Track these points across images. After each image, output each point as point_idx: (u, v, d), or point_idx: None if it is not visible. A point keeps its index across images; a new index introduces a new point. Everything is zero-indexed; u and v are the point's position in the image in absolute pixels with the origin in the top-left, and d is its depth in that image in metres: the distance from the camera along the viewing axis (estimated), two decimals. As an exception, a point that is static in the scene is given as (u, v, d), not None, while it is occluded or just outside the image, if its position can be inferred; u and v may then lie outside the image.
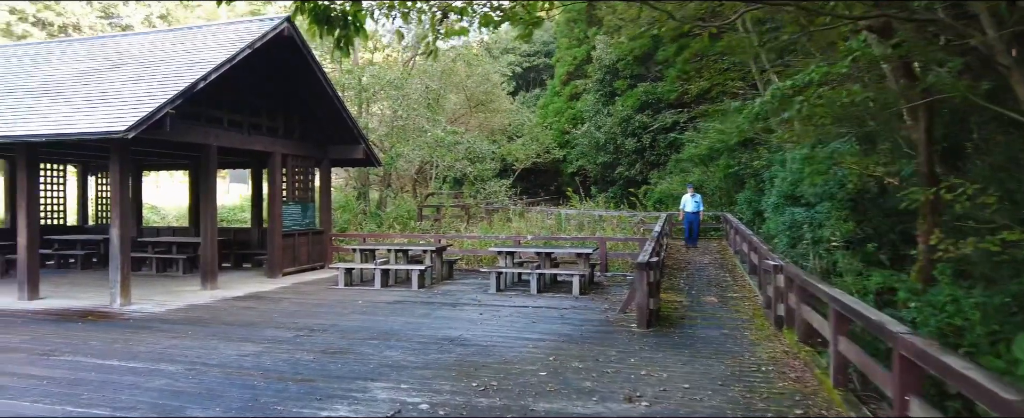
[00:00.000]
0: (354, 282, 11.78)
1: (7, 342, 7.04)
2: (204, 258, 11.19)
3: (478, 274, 13.15)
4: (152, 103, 9.03)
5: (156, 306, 9.41)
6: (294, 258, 13.49)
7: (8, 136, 9.00)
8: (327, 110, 13.72)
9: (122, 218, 9.41)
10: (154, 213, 24.89)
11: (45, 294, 10.46)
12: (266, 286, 11.56)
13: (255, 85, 12.46)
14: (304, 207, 13.91)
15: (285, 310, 9.03)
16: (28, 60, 13.04)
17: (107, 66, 11.41)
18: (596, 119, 28.24)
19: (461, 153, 18.82)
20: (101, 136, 8.38)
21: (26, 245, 9.98)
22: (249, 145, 12.15)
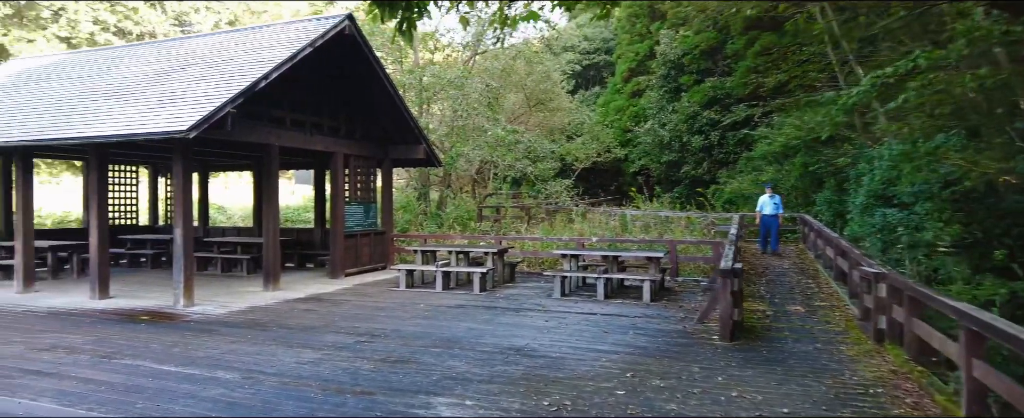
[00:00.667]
0: (415, 284, 11.49)
1: (73, 343, 6.99)
2: (266, 259, 11.12)
3: (540, 277, 12.67)
4: (214, 102, 8.93)
5: (218, 308, 9.33)
6: (356, 259, 13.34)
7: (79, 137, 9.08)
8: (388, 110, 13.52)
9: (185, 218, 9.37)
10: (221, 213, 25.47)
11: (114, 293, 10.57)
12: (328, 287, 11.41)
13: (317, 85, 12.36)
14: (366, 207, 13.76)
15: (346, 313, 8.78)
16: (103, 64, 13.34)
17: (174, 67, 11.48)
18: (660, 116, 27.32)
19: (521, 152, 18.36)
20: (164, 136, 8.32)
21: (97, 245, 10.10)
22: (311, 145, 12.04)
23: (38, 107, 11.29)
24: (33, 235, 11.15)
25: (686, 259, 12.34)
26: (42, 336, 7.37)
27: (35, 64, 15.50)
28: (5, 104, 12.17)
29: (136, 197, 17.10)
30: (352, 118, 13.42)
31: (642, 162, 29.31)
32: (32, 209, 11.08)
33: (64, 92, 11.84)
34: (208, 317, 8.59)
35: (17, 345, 6.92)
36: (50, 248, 12.79)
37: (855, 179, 13.39)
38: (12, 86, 13.63)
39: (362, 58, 12.31)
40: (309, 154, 13.87)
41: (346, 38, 11.69)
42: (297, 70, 10.45)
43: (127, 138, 8.63)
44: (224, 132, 9.17)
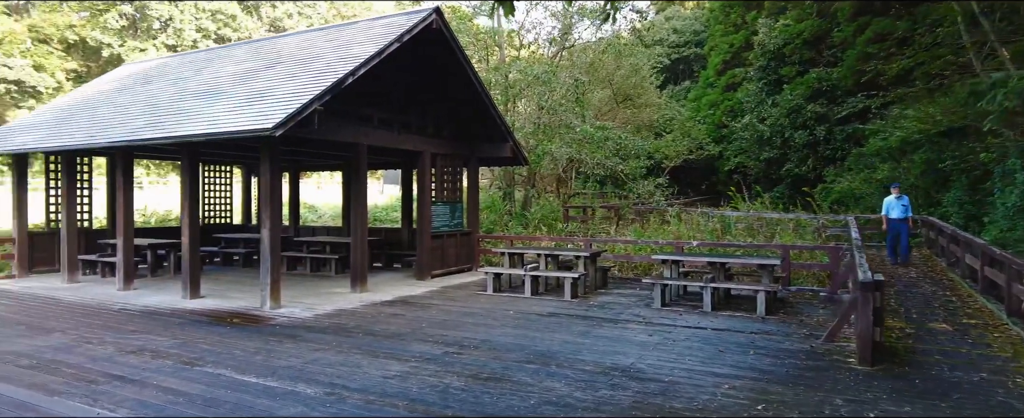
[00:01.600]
0: (503, 287, 10.95)
1: (159, 346, 6.83)
2: (354, 260, 10.86)
3: (635, 283, 11.85)
4: (300, 100, 8.69)
5: (304, 310, 9.09)
6: (442, 260, 12.95)
7: (169, 136, 9.06)
8: (475, 107, 13.05)
9: (273, 218, 9.19)
10: (312, 212, 25.96)
11: (205, 292, 10.60)
12: (414, 289, 11.04)
13: (404, 83, 12.04)
14: (452, 207, 13.35)
15: (433, 319, 8.31)
16: (197, 65, 13.57)
17: (263, 66, 11.44)
18: (759, 110, 25.69)
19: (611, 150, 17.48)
20: (250, 134, 8.11)
21: (188, 244, 10.12)
22: (399, 144, 11.72)
23: (137, 108, 11.52)
24: (133, 233, 11.37)
25: (798, 266, 11.18)
26: (132, 337, 7.29)
27: (140, 68, 16.07)
28: (111, 106, 12.54)
29: (231, 196, 17.50)
30: (439, 116, 13.04)
31: (738, 160, 27.72)
32: (132, 208, 11.30)
33: (161, 93, 12.06)
34: (293, 320, 8.33)
35: (108, 346, 6.83)
36: (149, 246, 13.11)
37: (1002, 177, 11.76)
38: (118, 89, 14.10)
39: (449, 53, 11.88)
40: (396, 153, 13.61)
41: (433, 32, 11.28)
42: (384, 67, 10.12)
43: (213, 137, 8.50)
44: (311, 130, 8.92)
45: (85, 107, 13.27)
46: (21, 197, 13.27)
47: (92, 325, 8.05)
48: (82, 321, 8.30)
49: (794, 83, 24.55)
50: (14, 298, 10.39)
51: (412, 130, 12.22)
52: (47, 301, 10.04)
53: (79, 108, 13.40)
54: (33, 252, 13.33)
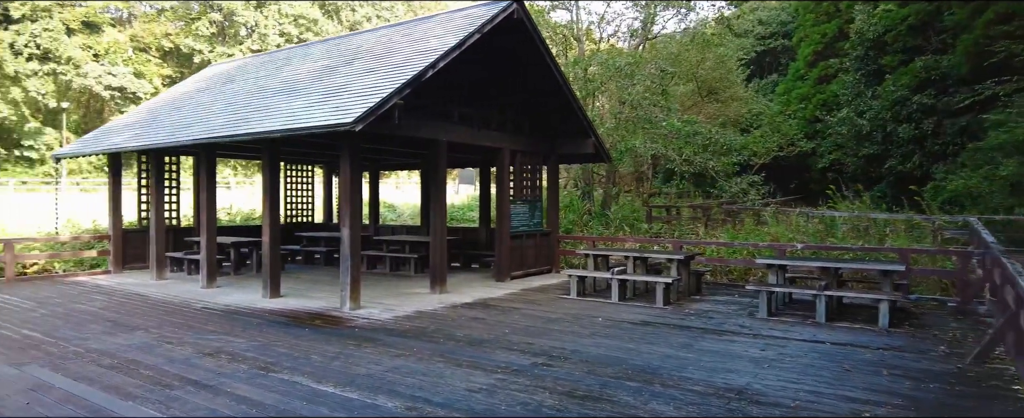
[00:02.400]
0: (586, 292, 10.31)
1: (236, 348, 6.60)
2: (433, 260, 10.50)
3: (731, 289, 10.97)
4: (380, 94, 8.35)
5: (383, 311, 8.76)
6: (521, 261, 12.44)
7: (248, 133, 8.93)
8: (556, 101, 12.46)
9: (352, 217, 8.91)
10: (390, 211, 26.06)
11: (285, 291, 10.49)
12: (494, 292, 10.57)
13: (483, 77, 11.61)
14: (532, 207, 12.82)
15: (516, 325, 7.79)
16: (277, 64, 13.61)
17: (341, 62, 11.25)
18: (857, 103, 23.87)
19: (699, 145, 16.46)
20: (329, 129, 7.83)
21: (268, 243, 10.02)
22: (478, 141, 11.28)
23: (219, 107, 11.57)
24: (216, 231, 11.43)
25: (919, 272, 10.00)
26: (211, 338, 7.11)
27: (223, 68, 16.36)
28: (194, 105, 12.71)
29: (312, 195, 17.61)
30: (518, 111, 12.55)
31: (833, 156, 25.91)
32: (215, 206, 11.35)
33: (241, 92, 12.09)
34: (373, 323, 8.00)
35: (187, 347, 6.65)
36: (233, 244, 13.22)
37: None
38: (202, 89, 14.35)
39: (529, 44, 11.34)
40: (475, 151, 13.19)
41: (513, 23, 10.77)
42: (463, 60, 9.68)
43: (291, 133, 8.28)
44: (391, 126, 8.59)
45: (171, 107, 13.54)
46: (116, 196, 13.67)
47: (174, 323, 7.98)
48: (165, 319, 8.25)
49: (897, 73, 22.65)
50: (107, 293, 10.59)
51: (491, 126, 11.77)
52: (135, 297, 10.16)
53: (166, 108, 13.68)
54: (127, 248, 13.71)
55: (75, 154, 13.54)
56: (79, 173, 42.51)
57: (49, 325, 7.89)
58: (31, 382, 5.38)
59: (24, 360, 6.12)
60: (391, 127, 8.73)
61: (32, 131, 41.18)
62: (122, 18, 49.23)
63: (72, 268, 13.59)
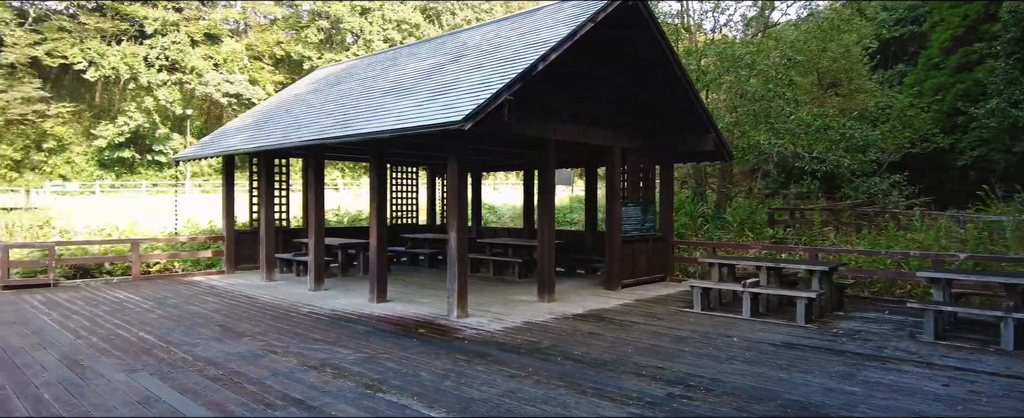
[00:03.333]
0: (711, 305, 9.33)
1: (342, 360, 6.22)
2: (541, 266, 9.86)
3: (877, 304, 9.66)
4: (489, 90, 7.81)
5: (492, 321, 8.22)
6: (633, 268, 11.59)
7: (357, 133, 8.65)
8: (672, 94, 11.50)
9: (459, 220, 8.43)
10: (491, 213, 25.76)
11: (392, 295, 10.20)
12: (606, 302, 9.80)
13: (593, 70, 10.86)
14: (644, 209, 11.94)
15: (640, 343, 7.00)
16: (384, 64, 13.46)
17: (447, 60, 10.85)
18: (1010, 92, 21.13)
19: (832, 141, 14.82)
20: (438, 128, 7.35)
21: (376, 245, 9.74)
22: (587, 139, 10.55)
23: (328, 108, 11.48)
24: (324, 233, 11.33)
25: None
26: (316, 348, 6.79)
27: (331, 70, 16.51)
28: (303, 107, 12.75)
29: (416, 197, 17.49)
30: (630, 107, 11.70)
31: (978, 152, 23.17)
32: (323, 208, 11.25)
33: (349, 93, 11.97)
34: (482, 334, 7.45)
35: (292, 358, 6.35)
36: (340, 246, 13.18)
37: None
38: (311, 91, 14.46)
39: (644, 33, 10.49)
40: (582, 149, 12.44)
41: (627, 11, 9.96)
42: (574, 52, 8.99)
43: (399, 133, 7.87)
44: (500, 124, 8.02)
45: (281, 110, 13.68)
46: (230, 198, 14.00)
47: (280, 330, 7.77)
48: (271, 325, 8.08)
49: (1062, 57, 19.85)
50: (218, 295, 10.70)
51: (601, 123, 11.00)
52: (244, 300, 10.17)
53: (276, 111, 13.85)
54: (239, 249, 14.00)
55: (192, 157, 13.97)
56: (201, 176, 45.29)
57: (163, 328, 7.88)
58: (139, 393, 5.17)
59: (136, 366, 5.99)
60: (500, 125, 8.17)
61: (161, 137, 44.28)
62: (238, 29, 52.17)
63: (190, 267, 14.03)
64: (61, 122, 43.03)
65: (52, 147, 42.47)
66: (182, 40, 44.67)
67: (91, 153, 43.66)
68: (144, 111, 43.28)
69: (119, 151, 43.43)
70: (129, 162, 44.51)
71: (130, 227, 16.92)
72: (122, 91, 44.83)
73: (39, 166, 42.22)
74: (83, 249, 13.34)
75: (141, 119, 42.94)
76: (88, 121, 44.36)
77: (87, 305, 9.61)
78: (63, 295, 10.61)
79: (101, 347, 6.80)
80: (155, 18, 43.76)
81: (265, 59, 49.83)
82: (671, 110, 11.90)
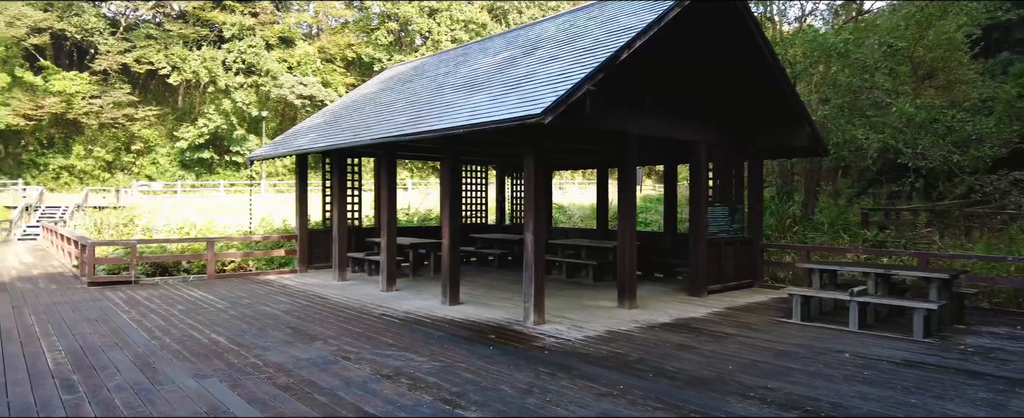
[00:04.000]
0: (812, 315, 8.50)
1: (417, 369, 5.83)
2: (622, 270, 9.26)
3: (1004, 317, 8.60)
4: (569, 81, 7.28)
5: (570, 328, 7.69)
6: (719, 272, 10.82)
7: (430, 129, 8.28)
8: (762, 84, 10.65)
9: (536, 221, 7.93)
10: (560, 213, 25.21)
11: (464, 297, 9.83)
12: (693, 310, 9.11)
13: (677, 58, 10.14)
14: (732, 210, 11.14)
15: (739, 358, 6.33)
16: (455, 61, 13.14)
17: (521, 53, 10.39)
18: None
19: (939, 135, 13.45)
20: (515, 123, 6.88)
21: (448, 247, 9.37)
22: (670, 133, 9.87)
23: (399, 106, 11.23)
24: (396, 233, 11.07)
25: None
26: (390, 354, 6.44)
27: (401, 69, 16.36)
28: (374, 105, 12.57)
29: (485, 196, 17.15)
30: (716, 98, 10.92)
31: (1099, 148, 20.88)
32: (395, 207, 11.00)
33: (421, 90, 11.68)
34: (562, 343, 6.94)
35: (365, 365, 6.01)
36: (411, 245, 12.94)
37: None
38: (382, 90, 14.30)
39: (734, 18, 9.72)
40: (661, 145, 11.75)
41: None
42: (658, 39, 8.34)
43: (474, 128, 7.44)
44: (580, 118, 7.50)
45: (352, 109, 13.56)
46: (302, 197, 14.00)
47: (352, 333, 7.48)
48: (343, 328, 7.81)
49: None
50: (291, 295, 10.60)
51: (686, 116, 10.28)
52: (316, 300, 10.01)
53: (348, 110, 13.75)
54: (312, 248, 13.98)
55: (266, 156, 14.04)
56: (276, 176, 46.63)
57: (235, 329, 7.73)
58: (207, 402, 4.92)
59: (206, 371, 5.78)
60: (580, 119, 7.64)
61: (238, 138, 45.82)
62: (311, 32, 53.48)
63: (263, 266, 14.11)
64: (147, 125, 45.15)
65: (139, 149, 44.61)
66: (258, 44, 46.09)
67: (174, 154, 45.63)
68: (222, 113, 44.88)
69: (199, 152, 45.21)
70: (208, 162, 46.28)
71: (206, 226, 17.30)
72: (202, 94, 46.66)
73: (128, 167, 44.43)
74: (162, 247, 13.62)
75: (219, 121, 44.55)
76: (171, 124, 46.39)
77: (164, 303, 9.65)
78: (142, 292, 10.74)
79: (173, 349, 6.66)
80: (232, 23, 45.31)
81: (337, 61, 50.87)
82: (761, 102, 11.04)
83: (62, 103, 40.86)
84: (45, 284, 11.95)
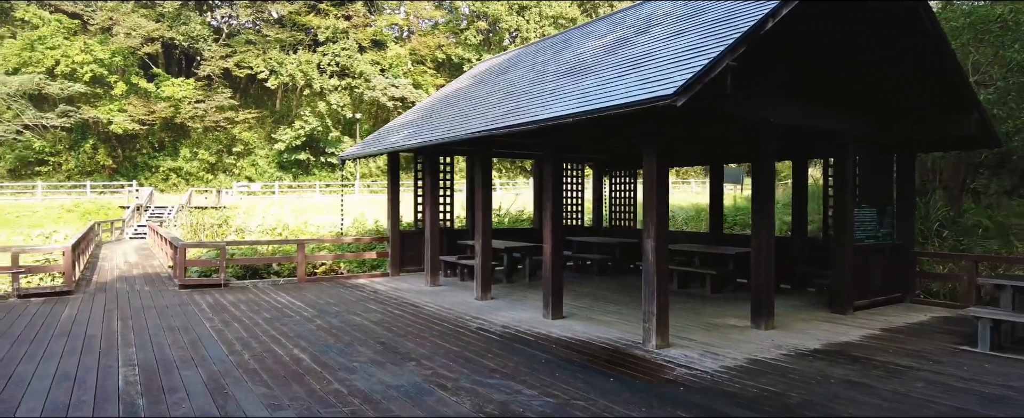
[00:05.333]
0: (1002, 343, 6.85)
1: (526, 407, 4.79)
2: (756, 282, 7.90)
3: None
4: (702, 56, 6.05)
5: (703, 355, 6.44)
6: (866, 285, 9.21)
7: (532, 120, 7.26)
8: (922, 64, 8.95)
9: (659, 225, 6.73)
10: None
11: (567, 309, 8.75)
12: (844, 331, 7.62)
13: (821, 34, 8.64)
14: (880, 212, 9.50)
15: (933, 403, 4.90)
16: (554, 48, 12.10)
17: (633, 33, 9.19)
18: None
19: None
20: (640, 106, 5.72)
21: (550, 253, 8.31)
22: (810, 122, 8.38)
23: (496, 98, 10.31)
24: (491, 236, 10.14)
25: None
26: (493, 383, 5.44)
27: (495, 61, 15.49)
28: (469, 99, 11.73)
29: (581, 197, 16.01)
30: (865, 82, 9.32)
31: None
32: (490, 207, 10.07)
33: (520, 80, 10.71)
34: (698, 375, 5.71)
35: (464, 397, 5.03)
36: (506, 249, 12.00)
37: None
38: (476, 83, 13.46)
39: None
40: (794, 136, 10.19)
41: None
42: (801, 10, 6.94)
43: (588, 115, 6.33)
44: (715, 101, 6.27)
45: (445, 104, 12.79)
46: (394, 197, 13.36)
47: (448, 352, 6.56)
48: (438, 345, 6.90)
49: None
50: (381, 302, 9.88)
51: (830, 102, 8.77)
52: (408, 309, 9.22)
53: (440, 106, 12.99)
54: (403, 250, 13.33)
55: (357, 155, 13.50)
56: (369, 176, 47.27)
57: (320, 343, 6.98)
58: (280, 444, 4.06)
59: (282, 400, 4.97)
60: (715, 102, 6.41)
61: (333, 140, 46.78)
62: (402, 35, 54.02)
63: (354, 268, 13.56)
64: (247, 128, 46.87)
65: (240, 151, 46.36)
66: (351, 47, 46.89)
67: (272, 156, 47.14)
68: (317, 116, 45.93)
69: (296, 153, 46.46)
70: (305, 164, 47.52)
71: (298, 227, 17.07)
72: (298, 97, 47.97)
73: (229, 168, 46.26)
74: (252, 249, 13.33)
75: (315, 123, 45.60)
76: (269, 126, 47.96)
77: (249, 310, 9.12)
78: (230, 297, 10.32)
79: (251, 368, 5.94)
80: (326, 26, 46.29)
81: (427, 63, 51.11)
82: (919, 85, 9.31)
83: (170, 108, 42.99)
84: (140, 285, 11.84)
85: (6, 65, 40.62)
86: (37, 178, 40.61)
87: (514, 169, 50.37)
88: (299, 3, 46.24)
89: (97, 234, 23.47)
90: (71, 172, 42.31)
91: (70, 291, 10.64)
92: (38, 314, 8.81)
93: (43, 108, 41.57)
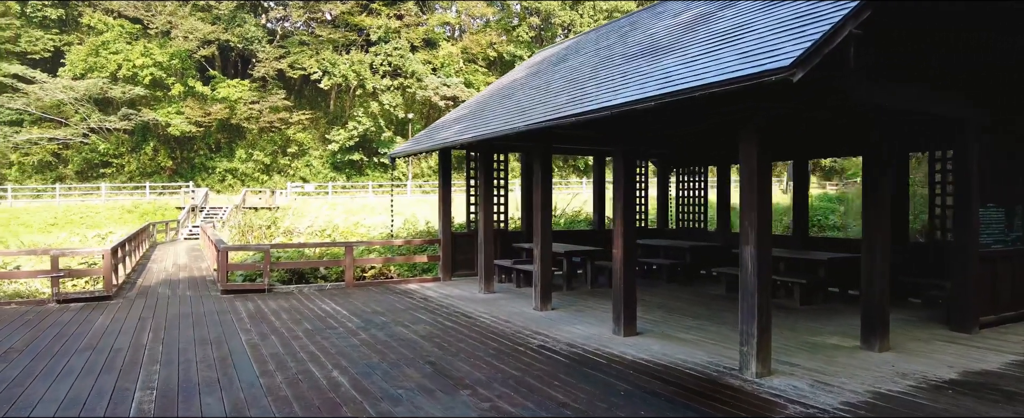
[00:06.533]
0: None
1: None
2: (869, 295, 6.68)
3: None
4: (819, 23, 4.94)
5: (813, 385, 5.32)
6: (992, 298, 7.84)
7: (602, 107, 6.25)
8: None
9: (760, 230, 5.63)
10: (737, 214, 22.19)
11: (639, 324, 7.69)
12: (979, 356, 6.35)
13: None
14: (1009, 213, 8.11)
15: None
16: (620, 32, 11.04)
17: (716, 8, 8.06)
18: None
19: None
20: (746, 82, 4.65)
21: (622, 259, 7.29)
22: (929, 108, 7.12)
23: (556, 86, 9.33)
24: (551, 239, 9.16)
25: None
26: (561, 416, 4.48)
27: (551, 51, 14.52)
28: (525, 90, 10.79)
29: (646, 196, 14.87)
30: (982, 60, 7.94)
31: None
32: (550, 208, 9.11)
33: (582, 66, 9.70)
34: (813, 415, 4.60)
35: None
36: (565, 253, 11.03)
37: None
38: (532, 74, 12.52)
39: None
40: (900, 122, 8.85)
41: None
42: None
43: (678, 97, 5.27)
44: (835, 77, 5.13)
45: (499, 97, 11.88)
46: (446, 198, 12.57)
47: (507, 377, 5.62)
48: (496, 367, 5.97)
49: None
50: (432, 311, 9.04)
51: (952, 84, 7.45)
52: (461, 319, 8.35)
53: (494, 99, 12.10)
54: (455, 254, 12.53)
55: (407, 152, 12.74)
56: (421, 176, 46.94)
57: (363, 363, 6.15)
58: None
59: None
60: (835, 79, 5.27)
61: (386, 140, 46.62)
62: (453, 34, 53.55)
63: (404, 273, 12.80)
64: (301, 129, 47.14)
65: (294, 151, 46.68)
66: (403, 46, 46.63)
67: (326, 156, 47.30)
68: (370, 116, 45.84)
69: (349, 154, 46.49)
70: (358, 164, 47.53)
71: (348, 229, 16.45)
72: (351, 98, 48.01)
73: (284, 169, 46.63)
74: (299, 252, 12.72)
75: (368, 124, 45.52)
76: (323, 127, 48.16)
77: (290, 320, 8.40)
78: (272, 304, 9.66)
79: (281, 395, 5.13)
80: (378, 26, 46.15)
81: (479, 61, 50.49)
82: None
83: (226, 109, 43.54)
84: (183, 290, 11.35)
85: (73, 70, 41.89)
86: (102, 180, 41.74)
87: (566, 168, 49.24)
88: (351, 3, 46.25)
89: (151, 235, 23.57)
90: (133, 173, 43.35)
91: (109, 296, 10.19)
92: (71, 323, 8.31)
93: (107, 111, 42.71)
